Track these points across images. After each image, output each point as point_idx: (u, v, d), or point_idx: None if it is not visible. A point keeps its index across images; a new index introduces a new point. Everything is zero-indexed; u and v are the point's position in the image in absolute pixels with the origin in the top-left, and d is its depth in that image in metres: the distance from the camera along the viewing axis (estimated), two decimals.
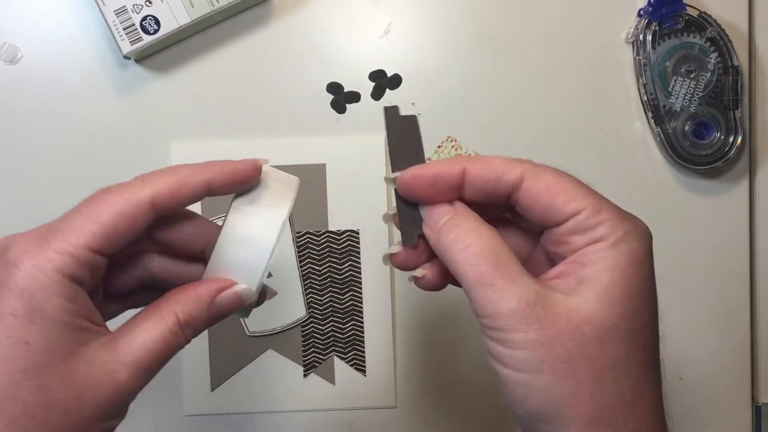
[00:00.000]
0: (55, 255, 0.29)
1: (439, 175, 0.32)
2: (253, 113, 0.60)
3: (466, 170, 0.31)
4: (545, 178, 0.31)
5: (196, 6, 0.56)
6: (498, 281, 0.28)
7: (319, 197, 0.60)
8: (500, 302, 0.28)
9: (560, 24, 0.61)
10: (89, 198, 0.31)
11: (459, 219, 0.31)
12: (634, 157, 0.61)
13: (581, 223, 0.30)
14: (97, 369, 0.29)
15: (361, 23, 0.60)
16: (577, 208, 0.30)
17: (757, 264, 0.62)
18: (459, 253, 0.30)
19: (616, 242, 0.29)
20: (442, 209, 0.32)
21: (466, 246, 0.30)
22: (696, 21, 0.58)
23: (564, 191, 0.30)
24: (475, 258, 0.29)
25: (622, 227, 0.30)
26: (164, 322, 0.31)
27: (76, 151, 0.60)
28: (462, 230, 0.30)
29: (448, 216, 0.31)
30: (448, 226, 0.31)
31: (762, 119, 0.61)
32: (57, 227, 0.30)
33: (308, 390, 0.61)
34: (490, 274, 0.29)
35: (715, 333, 0.62)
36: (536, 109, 0.61)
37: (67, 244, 0.29)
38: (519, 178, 0.31)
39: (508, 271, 0.29)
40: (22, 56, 0.59)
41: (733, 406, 0.62)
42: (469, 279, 0.29)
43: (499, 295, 0.28)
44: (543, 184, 0.30)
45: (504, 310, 0.28)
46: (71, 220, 0.30)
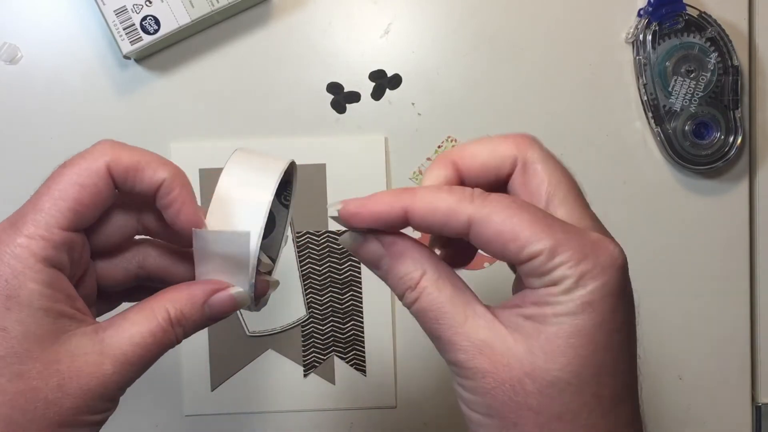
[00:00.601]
0: (27, 240, 0.28)
1: (377, 215, 0.29)
2: (253, 113, 0.60)
3: (408, 212, 0.29)
4: (494, 224, 0.28)
5: (196, 6, 0.56)
6: (445, 334, 0.28)
7: (319, 197, 0.60)
8: (451, 354, 0.28)
9: (560, 24, 0.61)
10: (50, 176, 0.30)
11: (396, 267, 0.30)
12: (634, 157, 0.61)
13: (536, 269, 0.27)
14: (80, 359, 0.29)
15: (361, 23, 0.60)
16: (531, 254, 0.27)
17: (757, 264, 0.62)
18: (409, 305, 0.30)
19: (570, 288, 0.27)
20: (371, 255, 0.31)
21: (410, 302, 0.30)
22: (696, 21, 0.58)
23: (514, 237, 0.27)
24: (420, 314, 0.29)
25: (578, 269, 0.27)
26: (154, 317, 0.31)
27: (76, 151, 0.59)
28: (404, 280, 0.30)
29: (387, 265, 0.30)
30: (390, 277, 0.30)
31: (762, 119, 0.61)
32: (25, 212, 0.29)
33: (308, 390, 0.61)
34: (436, 329, 0.29)
35: (715, 333, 0.62)
36: (536, 109, 0.61)
37: (36, 227, 0.28)
38: (466, 226, 0.28)
39: (453, 319, 0.28)
40: (22, 56, 0.59)
41: (733, 406, 0.62)
42: (425, 329, 0.30)
43: (448, 347, 0.28)
44: (492, 231, 0.28)
45: (456, 360, 0.28)
46: (36, 202, 0.29)
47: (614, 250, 0.29)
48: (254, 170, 0.33)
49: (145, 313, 0.31)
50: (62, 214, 0.29)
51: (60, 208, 0.29)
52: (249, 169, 0.33)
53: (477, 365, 0.28)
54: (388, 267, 0.30)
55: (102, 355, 0.29)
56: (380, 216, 0.29)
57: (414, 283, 0.29)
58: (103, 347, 0.29)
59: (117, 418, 0.32)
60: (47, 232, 0.29)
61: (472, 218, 0.28)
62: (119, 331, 0.30)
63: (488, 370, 0.28)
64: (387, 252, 0.30)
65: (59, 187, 0.30)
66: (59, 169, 0.30)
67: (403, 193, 0.29)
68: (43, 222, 0.29)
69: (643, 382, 0.31)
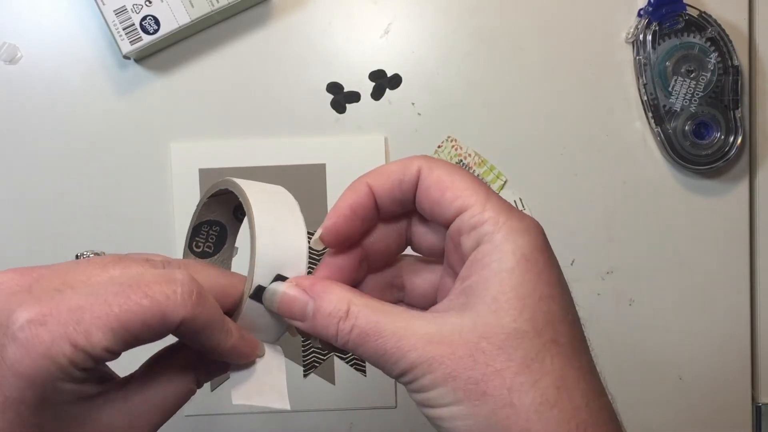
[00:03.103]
0: (71, 350, 0.25)
1: (353, 205, 0.31)
2: (253, 113, 0.60)
3: (372, 187, 0.31)
4: (437, 173, 0.30)
5: (195, 6, 0.56)
6: (388, 345, 0.28)
7: (319, 197, 0.60)
8: (401, 362, 0.28)
9: (560, 24, 0.61)
10: (124, 287, 0.27)
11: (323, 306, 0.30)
12: (634, 157, 0.61)
13: (466, 221, 0.29)
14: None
15: (361, 23, 0.60)
16: (463, 205, 0.29)
17: (757, 264, 0.62)
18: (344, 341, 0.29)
19: (500, 242, 0.28)
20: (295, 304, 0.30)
21: (346, 332, 0.29)
22: (696, 21, 0.58)
23: (452, 187, 0.29)
24: (359, 339, 0.29)
25: (506, 225, 0.28)
26: (184, 383, 0.30)
27: (76, 151, 0.59)
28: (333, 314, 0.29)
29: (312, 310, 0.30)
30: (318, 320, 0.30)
31: (762, 119, 0.61)
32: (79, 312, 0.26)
33: (308, 390, 0.61)
34: (380, 346, 0.28)
35: (715, 333, 0.62)
36: (536, 109, 0.61)
37: (86, 342, 0.26)
38: (416, 174, 0.30)
39: (393, 330, 0.28)
40: (22, 56, 0.59)
41: (733, 406, 0.62)
42: (367, 356, 0.29)
43: (396, 357, 0.28)
44: (433, 179, 0.30)
45: (407, 366, 0.28)
46: (96, 310, 0.26)
47: (532, 218, 0.30)
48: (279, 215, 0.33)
49: (175, 379, 0.30)
50: (116, 341, 0.26)
51: (117, 335, 0.26)
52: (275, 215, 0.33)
53: (430, 354, 0.27)
54: (315, 309, 0.30)
55: (131, 428, 0.29)
56: (354, 203, 0.31)
57: (344, 312, 0.29)
58: (132, 419, 0.29)
59: None
60: (93, 350, 0.26)
61: (420, 167, 0.30)
62: (148, 398, 0.30)
63: (444, 353, 0.27)
64: (310, 293, 0.30)
65: (128, 310, 0.26)
66: (138, 291, 0.27)
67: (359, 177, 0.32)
68: (94, 340, 0.26)
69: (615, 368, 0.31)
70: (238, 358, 0.31)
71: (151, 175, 0.60)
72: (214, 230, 0.36)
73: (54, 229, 0.59)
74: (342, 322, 0.29)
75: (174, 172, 0.60)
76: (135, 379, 0.30)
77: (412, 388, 0.29)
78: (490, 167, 0.61)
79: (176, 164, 0.59)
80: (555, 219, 0.61)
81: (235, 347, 0.30)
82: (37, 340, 0.25)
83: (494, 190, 0.60)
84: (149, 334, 0.27)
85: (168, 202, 0.60)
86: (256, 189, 0.32)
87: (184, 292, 0.27)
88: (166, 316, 0.27)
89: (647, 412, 0.62)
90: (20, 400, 0.25)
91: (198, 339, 0.28)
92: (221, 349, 0.29)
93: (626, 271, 0.61)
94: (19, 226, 0.59)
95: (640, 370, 0.62)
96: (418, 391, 0.28)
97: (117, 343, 0.26)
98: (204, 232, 0.36)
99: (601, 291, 0.61)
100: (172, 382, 0.30)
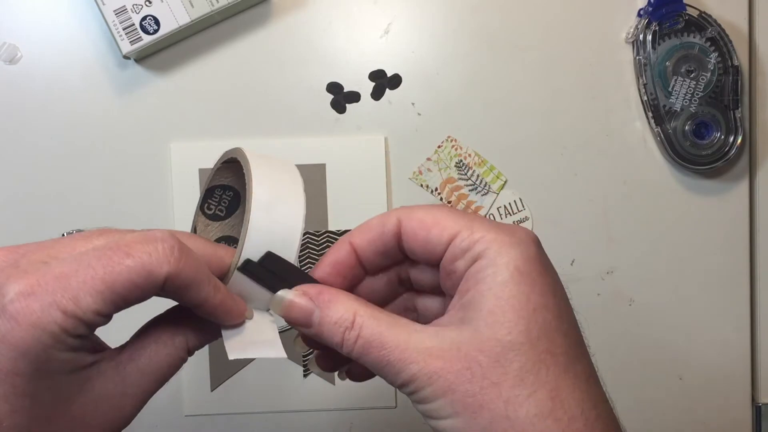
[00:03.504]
0: (62, 317, 0.26)
1: (336, 262, 0.32)
2: (253, 113, 0.60)
3: (353, 244, 0.32)
4: (417, 215, 0.31)
5: (195, 6, 0.56)
6: (392, 356, 0.29)
7: (319, 197, 0.60)
8: (403, 373, 0.29)
9: (560, 24, 0.61)
10: (106, 250, 0.27)
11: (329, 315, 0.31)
12: (634, 157, 0.61)
13: (458, 246, 0.30)
14: (104, 404, 0.29)
15: (361, 23, 0.60)
16: (451, 234, 0.30)
17: (757, 264, 0.62)
18: (349, 349, 0.30)
19: (494, 258, 0.29)
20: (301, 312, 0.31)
21: (352, 342, 0.30)
22: (696, 21, 0.58)
23: (435, 223, 0.31)
24: (364, 348, 0.30)
25: (497, 241, 0.29)
26: (174, 349, 0.31)
27: (76, 151, 0.59)
28: (339, 323, 0.30)
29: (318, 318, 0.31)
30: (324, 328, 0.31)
31: (762, 119, 0.61)
32: (65, 280, 0.27)
33: (308, 390, 0.61)
34: (384, 356, 0.29)
35: (715, 333, 0.62)
36: (536, 109, 0.61)
37: (76, 307, 0.26)
38: (397, 224, 0.31)
39: (396, 341, 0.29)
40: (22, 56, 0.59)
41: (733, 406, 0.62)
42: (371, 364, 0.30)
43: (398, 368, 0.29)
44: (416, 222, 0.31)
45: (408, 377, 0.29)
46: (82, 275, 0.27)
47: (525, 229, 0.31)
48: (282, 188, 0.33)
49: (165, 344, 0.31)
50: (105, 303, 0.27)
51: (105, 298, 0.27)
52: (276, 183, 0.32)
53: (430, 368, 0.28)
54: (321, 318, 0.31)
55: (124, 396, 0.30)
56: (336, 261, 0.32)
57: (350, 322, 0.30)
58: (125, 387, 0.30)
59: None
60: (84, 315, 0.27)
61: (399, 216, 0.32)
62: (140, 366, 0.30)
63: (443, 367, 0.28)
64: (317, 302, 0.31)
65: (114, 272, 0.27)
66: (121, 253, 0.27)
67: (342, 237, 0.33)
68: (84, 304, 0.27)
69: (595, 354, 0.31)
70: (227, 316, 0.31)
71: (151, 175, 0.60)
72: (227, 195, 0.36)
73: (54, 228, 0.59)
74: (348, 332, 0.30)
75: (174, 172, 0.60)
76: (126, 349, 0.31)
77: (414, 398, 0.29)
78: (490, 167, 0.61)
79: (176, 164, 0.60)
80: (555, 219, 0.61)
81: (224, 302, 0.30)
82: (28, 311, 0.26)
83: (494, 190, 0.61)
84: (137, 293, 0.28)
85: (168, 202, 0.60)
86: (261, 162, 0.32)
87: (165, 248, 0.28)
88: (151, 273, 0.27)
89: (647, 412, 0.62)
90: (14, 371, 0.26)
91: (186, 295, 0.29)
92: (211, 304, 0.30)
93: (626, 271, 0.61)
94: (19, 226, 0.59)
95: (640, 370, 0.62)
96: (419, 402, 0.29)
97: (106, 305, 0.27)
98: (217, 195, 0.36)
99: (601, 291, 0.61)
100: (163, 350, 0.31)
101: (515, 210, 0.61)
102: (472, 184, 0.61)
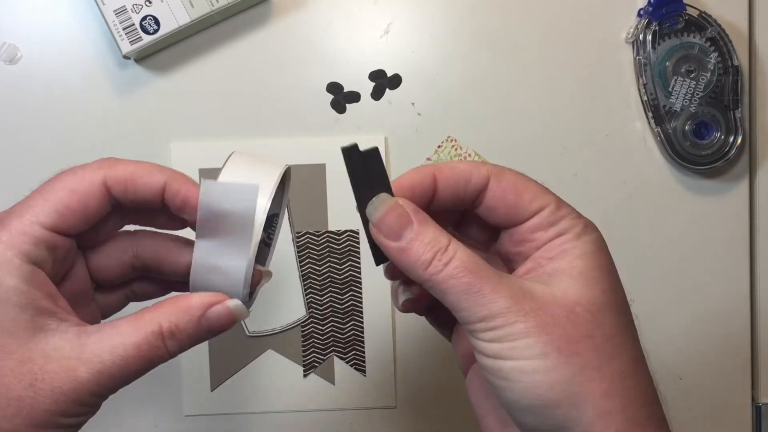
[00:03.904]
0: (8, 235, 0.28)
1: (415, 185, 0.32)
2: (253, 113, 0.60)
3: (437, 177, 0.32)
4: (509, 178, 0.32)
5: (195, 6, 0.56)
6: (485, 287, 0.29)
7: (319, 197, 0.60)
8: (492, 304, 0.29)
9: (560, 24, 0.61)
10: (48, 179, 0.31)
11: (424, 232, 0.31)
12: (634, 157, 0.61)
13: (545, 219, 0.31)
14: (55, 362, 0.28)
15: (361, 23, 0.60)
16: (541, 205, 0.31)
17: (757, 264, 0.62)
18: (437, 270, 0.30)
19: (580, 233, 0.31)
20: (399, 220, 0.31)
21: (443, 264, 0.30)
22: (696, 21, 0.58)
23: (527, 189, 0.32)
24: (456, 271, 0.29)
25: (581, 221, 0.32)
26: (143, 329, 0.30)
27: (76, 151, 0.59)
28: (433, 243, 0.30)
29: (412, 233, 0.30)
30: (416, 243, 0.30)
31: (762, 119, 0.61)
32: (13, 209, 0.30)
33: (308, 390, 0.61)
34: (476, 283, 0.29)
35: (715, 333, 0.62)
36: (536, 109, 0.61)
37: (20, 222, 0.29)
38: (486, 178, 0.32)
39: (488, 274, 0.29)
40: (22, 56, 0.59)
41: (733, 406, 0.62)
42: (457, 291, 0.29)
43: (489, 298, 0.29)
44: (507, 183, 0.32)
45: (498, 310, 0.29)
46: (27, 200, 0.30)
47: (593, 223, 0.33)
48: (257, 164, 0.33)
49: (135, 324, 0.30)
50: (47, 213, 0.29)
51: (46, 208, 0.29)
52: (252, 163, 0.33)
53: (528, 307, 0.29)
54: (415, 233, 0.30)
55: (79, 361, 0.29)
56: (414, 185, 0.32)
57: (444, 246, 0.30)
58: (83, 352, 0.29)
59: (117, 417, 0.32)
60: (30, 227, 0.29)
61: (491, 172, 0.32)
62: (102, 338, 0.29)
63: (540, 308, 0.29)
64: (414, 218, 0.31)
65: (50, 188, 0.30)
66: (56, 175, 0.31)
67: (425, 166, 0.33)
68: (27, 218, 0.29)
69: None
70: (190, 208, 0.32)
71: None
72: None
73: None
74: (441, 253, 0.30)
75: None
76: (97, 325, 0.31)
77: (488, 336, 0.29)
78: None
79: (176, 164, 0.60)
80: None
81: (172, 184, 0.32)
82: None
83: None
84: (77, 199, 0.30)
85: None
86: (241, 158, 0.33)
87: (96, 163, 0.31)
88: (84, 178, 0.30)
89: None
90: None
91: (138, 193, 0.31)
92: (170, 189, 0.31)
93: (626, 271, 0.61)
94: None
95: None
96: (495, 340, 0.29)
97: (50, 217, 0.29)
98: None
99: None
100: (132, 328, 0.30)
101: None
102: None
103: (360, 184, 0.32)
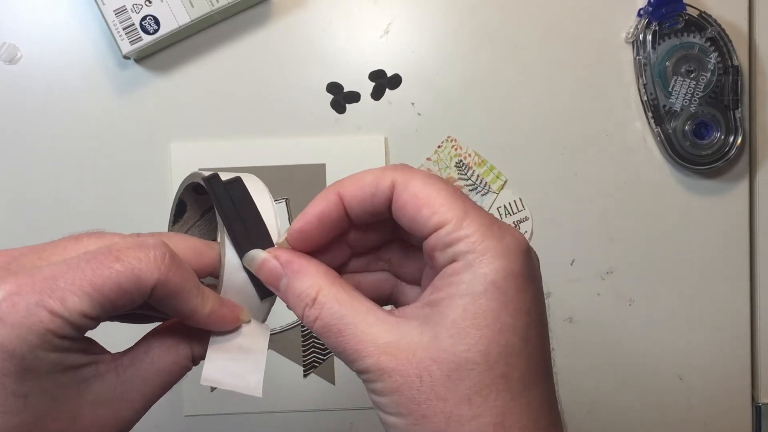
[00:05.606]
0: (48, 317, 0.26)
1: (322, 213, 0.30)
2: (253, 113, 0.60)
3: (342, 196, 0.30)
4: (413, 187, 0.29)
5: (195, 6, 0.56)
6: (347, 346, 0.28)
7: None
8: (356, 364, 0.28)
9: (560, 24, 0.61)
10: (97, 254, 0.28)
11: (294, 285, 0.30)
12: (634, 157, 0.61)
13: (440, 239, 0.28)
14: (101, 408, 0.29)
15: (361, 23, 0.60)
16: (440, 222, 0.28)
17: (757, 264, 0.62)
18: (309, 323, 0.29)
19: (473, 264, 0.27)
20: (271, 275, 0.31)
21: (312, 320, 0.29)
22: (696, 21, 0.58)
23: (428, 203, 0.28)
24: (323, 329, 0.29)
25: (483, 245, 0.27)
26: (177, 356, 0.31)
27: (76, 151, 0.59)
28: (302, 297, 0.30)
29: (285, 285, 0.30)
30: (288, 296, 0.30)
31: (762, 119, 0.61)
32: (53, 281, 0.27)
33: (308, 390, 0.61)
34: (341, 342, 0.29)
35: (715, 333, 0.62)
36: (536, 109, 0.61)
37: (62, 307, 0.26)
38: (390, 189, 0.30)
39: (353, 333, 0.28)
40: (22, 56, 0.59)
41: (733, 406, 0.62)
42: (330, 344, 0.29)
43: (353, 359, 0.28)
44: (409, 194, 0.29)
45: (361, 369, 0.28)
46: (70, 276, 0.27)
47: (519, 235, 0.29)
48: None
49: (169, 352, 0.31)
50: (92, 305, 0.27)
51: (93, 299, 0.27)
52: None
53: (383, 365, 0.28)
54: (287, 285, 0.30)
55: (123, 401, 0.29)
56: (322, 213, 0.30)
57: (311, 299, 0.29)
58: (124, 392, 0.29)
59: None
60: (71, 315, 0.27)
61: (395, 181, 0.29)
62: (140, 371, 0.30)
63: (394, 367, 0.27)
64: (285, 270, 0.30)
65: (102, 275, 0.27)
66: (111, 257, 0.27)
67: (332, 185, 0.31)
68: (70, 305, 0.26)
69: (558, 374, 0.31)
70: (219, 325, 0.31)
71: (151, 175, 0.60)
72: None
73: (54, 229, 0.59)
74: (308, 309, 0.29)
75: (174, 172, 0.60)
76: (128, 353, 0.31)
77: (367, 387, 0.29)
78: (490, 167, 0.61)
79: (176, 164, 0.59)
80: (555, 219, 0.61)
81: (214, 312, 0.30)
82: (14, 311, 0.26)
83: (494, 190, 0.61)
84: (124, 299, 0.27)
85: (168, 202, 0.60)
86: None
87: (156, 256, 0.28)
88: (140, 279, 0.27)
89: (647, 413, 0.62)
90: (2, 372, 0.26)
91: (174, 304, 0.29)
92: (200, 314, 0.30)
93: (626, 271, 0.61)
94: (18, 227, 0.59)
95: (640, 370, 0.62)
96: (371, 392, 0.29)
97: (93, 307, 0.27)
98: None
99: (601, 291, 0.61)
100: (166, 356, 0.30)
101: (515, 210, 0.61)
102: (472, 184, 0.61)
103: (230, 217, 0.31)
